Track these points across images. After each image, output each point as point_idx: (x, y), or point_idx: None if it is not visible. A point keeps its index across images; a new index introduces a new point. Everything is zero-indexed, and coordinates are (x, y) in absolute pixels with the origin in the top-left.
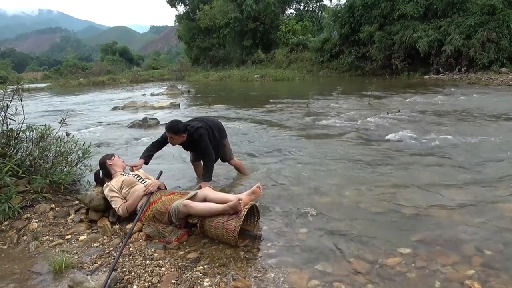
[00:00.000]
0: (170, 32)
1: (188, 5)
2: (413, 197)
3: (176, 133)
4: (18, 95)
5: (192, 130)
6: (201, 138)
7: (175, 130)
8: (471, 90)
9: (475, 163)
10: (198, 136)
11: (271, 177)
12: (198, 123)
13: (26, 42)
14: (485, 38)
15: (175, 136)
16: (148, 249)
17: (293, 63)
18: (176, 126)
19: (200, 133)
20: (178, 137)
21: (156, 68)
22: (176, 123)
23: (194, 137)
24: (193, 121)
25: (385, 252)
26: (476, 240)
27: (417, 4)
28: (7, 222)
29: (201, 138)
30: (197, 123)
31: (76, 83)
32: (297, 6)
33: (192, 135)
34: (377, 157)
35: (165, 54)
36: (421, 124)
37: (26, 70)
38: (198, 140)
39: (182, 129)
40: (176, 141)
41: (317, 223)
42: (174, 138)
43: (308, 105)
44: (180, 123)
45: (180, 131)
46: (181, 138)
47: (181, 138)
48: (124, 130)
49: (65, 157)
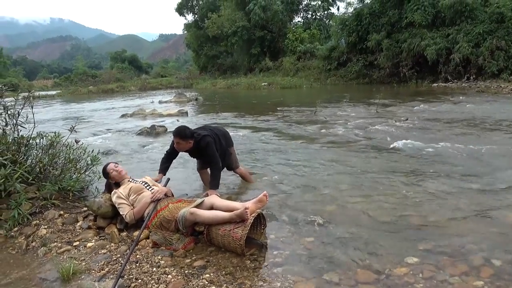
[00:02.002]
0: (178, 40)
1: (197, 14)
2: (420, 205)
3: (183, 138)
4: (29, 103)
5: (199, 138)
6: (208, 146)
7: (182, 136)
8: (480, 98)
9: (483, 172)
10: (205, 144)
11: (278, 185)
12: (204, 131)
13: (37, 50)
14: (494, 46)
15: (182, 142)
16: (155, 257)
17: (300, 71)
18: (184, 132)
19: (207, 141)
20: (184, 143)
21: (164, 76)
22: (183, 128)
23: (201, 144)
24: (200, 129)
25: (392, 262)
26: (484, 250)
27: (425, 12)
28: (17, 228)
29: (208, 146)
30: (204, 131)
31: (86, 91)
32: (305, 14)
33: (199, 142)
34: (384, 165)
35: (173, 62)
36: (429, 132)
37: (37, 77)
38: (205, 148)
39: (189, 135)
40: (182, 147)
41: (323, 232)
42: (180, 143)
43: (316, 113)
44: (187, 129)
45: (187, 136)
46: (188, 144)
47: (188, 144)
48: (132, 137)
49: (74, 164)
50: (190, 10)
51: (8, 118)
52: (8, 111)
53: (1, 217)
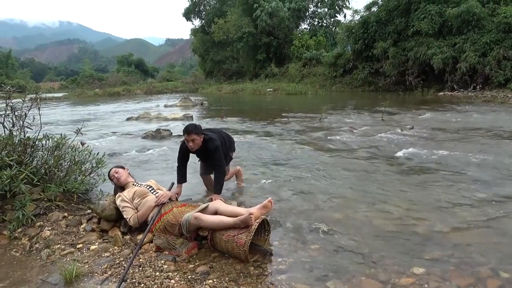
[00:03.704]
0: (185, 45)
1: (203, 19)
2: (426, 214)
3: (198, 133)
4: (36, 105)
5: (207, 138)
6: (217, 150)
7: (198, 131)
8: (486, 107)
9: (491, 181)
10: (214, 148)
11: (282, 192)
12: (213, 133)
13: (45, 53)
14: (501, 56)
15: (197, 137)
16: (158, 261)
17: (306, 77)
18: (197, 126)
19: (216, 144)
20: (199, 138)
21: (170, 80)
22: (195, 124)
23: (208, 146)
24: (207, 131)
25: (398, 272)
26: (491, 261)
27: (432, 21)
28: (21, 229)
29: (216, 150)
30: (212, 134)
31: (92, 93)
32: (311, 21)
33: (207, 143)
34: (389, 173)
35: (179, 67)
36: (434, 141)
37: (44, 79)
38: (213, 152)
39: (201, 129)
40: (198, 143)
41: (328, 240)
42: (196, 139)
43: (321, 120)
44: (198, 124)
45: (201, 131)
46: (201, 139)
47: (200, 139)
48: (137, 140)
49: (79, 166)
50: (197, 16)
51: (15, 119)
52: (15, 112)
53: (5, 218)
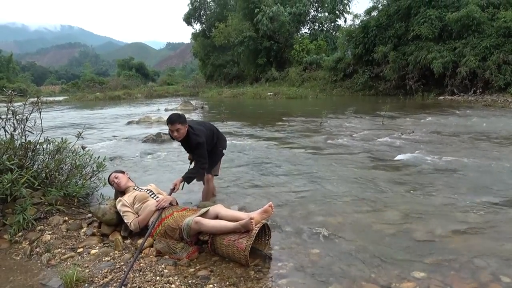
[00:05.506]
0: (185, 49)
1: (204, 23)
2: (426, 219)
3: (182, 123)
4: (37, 109)
5: (192, 133)
6: (198, 146)
7: (182, 120)
8: (487, 112)
9: (489, 186)
10: (195, 144)
11: (283, 196)
12: (201, 128)
13: (46, 56)
14: (501, 60)
15: (182, 127)
16: (158, 265)
17: (306, 81)
18: (181, 115)
19: (198, 141)
20: (184, 128)
21: (171, 83)
22: (178, 114)
23: (191, 141)
24: (195, 124)
25: (399, 276)
26: (492, 266)
27: (432, 26)
28: (21, 233)
29: (198, 146)
30: (200, 129)
31: (93, 97)
32: (312, 26)
33: (190, 137)
34: (390, 177)
35: (180, 70)
36: (435, 145)
37: (45, 83)
38: (194, 147)
39: (185, 119)
40: (182, 132)
41: (329, 244)
42: (180, 129)
43: (321, 124)
44: (181, 114)
45: (185, 121)
46: (185, 128)
47: (185, 129)
48: (138, 144)
49: (80, 170)
50: (197, 20)
51: (16, 123)
52: (17, 116)
53: (6, 222)
